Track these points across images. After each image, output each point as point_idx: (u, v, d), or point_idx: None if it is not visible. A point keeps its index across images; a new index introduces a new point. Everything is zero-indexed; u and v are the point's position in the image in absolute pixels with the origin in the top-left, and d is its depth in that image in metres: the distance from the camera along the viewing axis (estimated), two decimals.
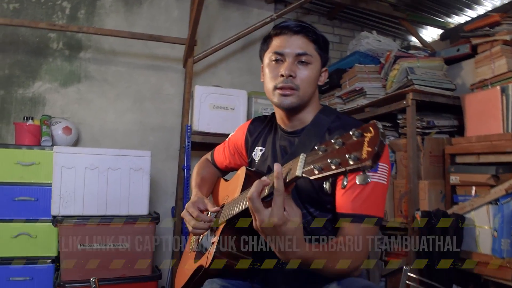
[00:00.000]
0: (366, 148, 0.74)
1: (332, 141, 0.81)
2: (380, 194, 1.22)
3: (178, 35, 3.48)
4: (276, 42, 1.36)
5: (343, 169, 0.76)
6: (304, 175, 0.84)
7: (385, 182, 1.23)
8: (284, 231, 0.95)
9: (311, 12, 4.17)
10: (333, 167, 0.78)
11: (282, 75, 1.31)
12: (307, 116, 1.39)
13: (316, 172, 0.81)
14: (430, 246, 2.39)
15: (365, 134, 0.75)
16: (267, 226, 0.95)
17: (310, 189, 1.27)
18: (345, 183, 0.81)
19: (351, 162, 0.75)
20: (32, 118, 2.99)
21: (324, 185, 0.83)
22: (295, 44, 1.32)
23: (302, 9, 4.05)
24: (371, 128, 0.75)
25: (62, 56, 3.36)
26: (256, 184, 0.99)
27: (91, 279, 1.46)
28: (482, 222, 2.33)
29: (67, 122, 3.08)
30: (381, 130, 0.73)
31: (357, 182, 0.77)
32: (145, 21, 3.59)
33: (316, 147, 0.84)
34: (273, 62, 1.35)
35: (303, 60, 1.32)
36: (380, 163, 1.22)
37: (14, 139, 2.94)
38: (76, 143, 3.22)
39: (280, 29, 1.35)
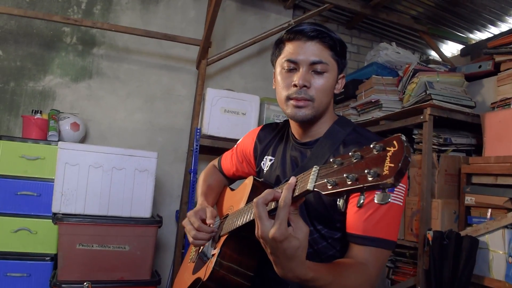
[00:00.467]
0: (388, 164, 0.65)
1: (350, 154, 0.73)
2: (395, 216, 1.13)
3: (193, 36, 3.43)
4: (289, 48, 1.26)
5: (361, 186, 0.68)
6: (316, 189, 0.77)
7: (401, 204, 1.14)
8: (285, 247, 0.86)
9: (330, 20, 4.10)
10: (349, 182, 0.70)
11: (295, 85, 1.21)
12: (322, 127, 1.30)
13: (330, 186, 0.73)
14: (441, 268, 2.30)
15: (387, 148, 0.67)
16: (267, 238, 0.87)
17: (320, 204, 1.18)
18: (361, 201, 0.72)
19: (370, 179, 0.66)
20: (41, 112, 2.96)
21: (338, 202, 0.74)
22: (310, 51, 1.22)
23: (320, 16, 3.98)
24: (395, 142, 0.66)
25: (75, 51, 3.32)
26: (266, 192, 0.91)
27: (84, 283, 1.40)
28: (497, 247, 2.23)
29: (75, 118, 3.04)
30: (406, 145, 0.65)
31: (375, 201, 0.69)
32: (160, 20, 3.54)
33: (331, 160, 0.76)
34: (286, 71, 1.25)
35: (318, 69, 1.22)
36: None
37: (21, 132, 2.90)
38: (83, 139, 3.17)
39: (294, 34, 1.25)
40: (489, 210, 2.35)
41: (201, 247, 1.40)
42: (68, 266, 2.38)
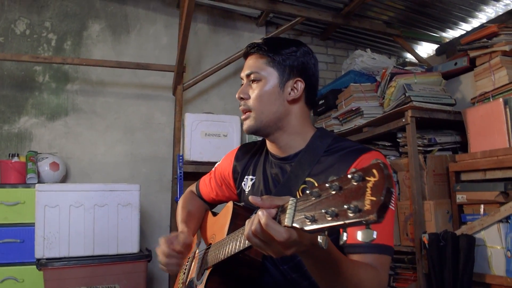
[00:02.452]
0: (369, 198, 0.59)
1: (327, 185, 0.66)
2: (390, 221, 1.10)
3: (168, 63, 3.40)
4: None
5: (342, 223, 0.62)
6: (294, 225, 0.70)
7: (393, 208, 1.10)
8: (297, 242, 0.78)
9: (304, 33, 4.11)
10: (329, 218, 0.63)
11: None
12: (296, 139, 1.25)
13: (308, 223, 0.67)
14: (441, 271, 2.26)
15: (367, 178, 0.60)
16: (287, 249, 0.80)
17: None
18: (344, 238, 0.65)
19: (350, 214, 0.60)
20: (18, 155, 2.89)
21: (318, 239, 0.67)
22: (247, 65, 1.28)
23: (294, 30, 3.98)
24: (374, 171, 0.60)
25: (48, 89, 3.27)
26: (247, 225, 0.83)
27: None
28: (494, 242, 2.19)
29: (54, 158, 2.97)
30: (387, 173, 0.58)
31: (359, 239, 0.62)
32: (133, 49, 3.51)
33: (308, 191, 0.70)
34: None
35: (252, 78, 1.24)
36: None
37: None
38: (64, 178, 3.10)
39: (244, 54, 1.32)
40: (482, 206, 2.31)
41: (187, 280, 1.32)
42: None
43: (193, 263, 1.38)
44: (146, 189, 3.10)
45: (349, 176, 0.62)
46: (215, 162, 2.91)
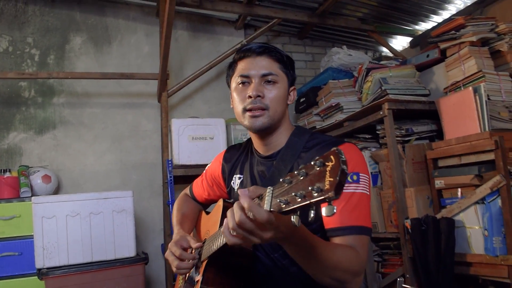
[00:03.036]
0: (328, 179, 0.70)
1: (296, 172, 0.77)
2: (366, 205, 1.20)
3: (150, 70, 3.49)
4: (241, 66, 1.34)
5: (308, 202, 0.73)
6: (272, 209, 0.81)
7: (368, 193, 1.21)
8: (278, 227, 0.90)
9: (282, 33, 4.22)
10: (299, 200, 0.74)
11: (250, 96, 1.28)
12: (281, 138, 1.36)
13: (283, 205, 0.77)
14: (424, 253, 2.38)
15: (326, 164, 0.72)
16: (270, 238, 0.91)
17: None
18: (311, 215, 0.76)
19: (315, 194, 0.71)
20: (10, 170, 2.95)
21: (292, 219, 0.78)
22: (260, 64, 1.31)
23: (272, 31, 4.08)
24: (332, 157, 0.72)
25: (35, 104, 3.33)
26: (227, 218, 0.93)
27: None
28: (472, 223, 2.32)
29: (45, 171, 3.03)
30: (342, 158, 0.70)
31: (323, 215, 0.74)
32: (116, 60, 3.58)
33: (281, 179, 0.81)
34: (240, 85, 1.33)
35: (269, 79, 1.30)
36: (361, 174, 1.20)
37: None
38: (57, 190, 3.16)
39: (244, 52, 1.34)
40: (459, 189, 2.44)
41: (187, 274, 1.42)
42: None
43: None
44: (138, 195, 3.17)
45: (313, 163, 0.74)
46: (204, 165, 3.02)
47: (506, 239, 2.18)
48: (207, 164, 2.97)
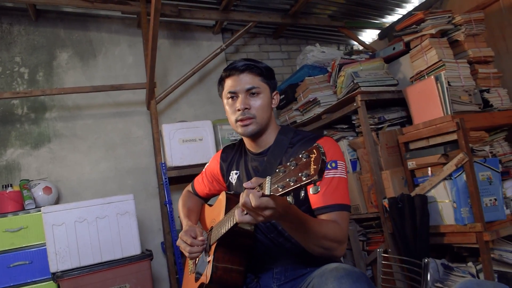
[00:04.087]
0: (312, 166, 0.94)
1: (288, 163, 1.01)
2: (344, 186, 1.45)
3: (136, 79, 3.68)
4: (228, 83, 1.59)
5: (299, 185, 0.97)
6: (271, 193, 1.04)
7: (345, 176, 1.47)
8: (280, 208, 1.13)
9: (258, 35, 4.43)
10: (292, 184, 0.98)
11: (239, 109, 1.54)
12: (269, 137, 1.62)
13: (280, 190, 1.01)
14: (402, 228, 2.63)
15: (311, 156, 0.96)
16: (272, 216, 1.13)
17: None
18: (302, 194, 1.00)
19: (304, 179, 0.95)
20: (11, 185, 3.09)
21: (288, 199, 1.03)
22: (244, 81, 1.56)
23: (248, 33, 4.28)
24: (314, 151, 0.96)
25: (28, 120, 3.48)
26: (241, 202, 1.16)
27: None
28: (443, 197, 2.58)
29: (45, 182, 3.20)
30: (322, 151, 0.95)
31: (310, 193, 0.99)
32: (102, 72, 3.76)
33: (277, 170, 1.05)
34: (230, 100, 1.58)
35: (253, 92, 1.55)
36: (338, 161, 1.47)
37: None
38: (58, 200, 3.33)
39: (229, 71, 1.59)
40: (429, 168, 2.70)
41: (197, 259, 1.65)
42: None
43: None
44: (135, 199, 3.35)
45: (300, 156, 0.99)
46: (196, 165, 3.26)
47: (472, 209, 2.44)
48: (199, 164, 3.23)
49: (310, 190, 0.98)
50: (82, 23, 3.78)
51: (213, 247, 1.47)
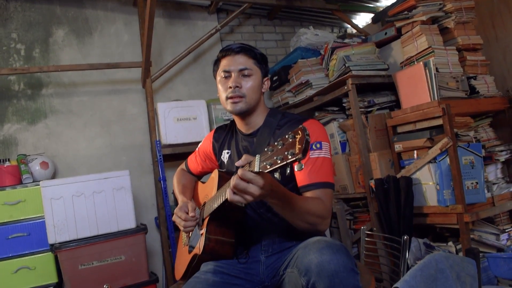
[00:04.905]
0: (297, 146, 1.04)
1: (276, 143, 1.11)
2: (328, 166, 1.55)
3: (131, 58, 3.73)
4: (223, 63, 1.68)
5: (285, 162, 1.06)
6: (260, 169, 1.13)
7: (329, 156, 1.57)
8: (270, 185, 1.23)
9: (252, 16, 4.47)
10: (279, 161, 1.07)
11: (230, 87, 1.63)
12: (258, 118, 1.71)
13: (268, 167, 1.10)
14: (387, 208, 2.74)
15: (296, 136, 1.05)
16: (261, 195, 1.21)
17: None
18: (288, 171, 1.10)
19: (289, 157, 1.05)
20: (9, 160, 3.16)
21: (274, 175, 1.12)
22: (238, 61, 1.65)
23: (243, 14, 4.32)
24: (299, 132, 1.05)
25: (25, 96, 3.53)
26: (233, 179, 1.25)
27: (104, 285, 1.72)
28: (427, 179, 2.69)
29: (42, 157, 3.27)
30: (306, 132, 1.04)
31: (295, 169, 1.08)
32: (98, 49, 3.79)
33: (265, 149, 1.14)
34: (223, 78, 1.67)
35: (245, 73, 1.64)
36: (323, 142, 1.56)
37: None
38: (54, 175, 3.41)
39: (225, 52, 1.69)
40: (415, 151, 2.81)
41: (190, 233, 1.76)
42: (75, 286, 2.68)
43: None
44: (130, 175, 3.44)
45: (287, 136, 1.08)
46: (190, 143, 3.36)
47: (454, 192, 2.55)
48: (192, 142, 3.32)
49: (295, 167, 1.07)
50: (78, 1, 3.79)
51: (205, 221, 1.57)
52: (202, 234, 1.56)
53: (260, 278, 1.56)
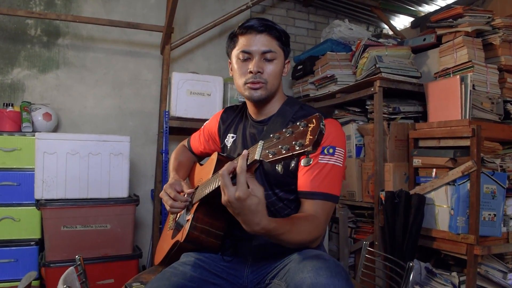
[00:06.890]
0: (309, 136, 0.87)
1: (284, 130, 0.94)
2: (337, 175, 1.36)
3: (155, 22, 3.56)
4: (242, 41, 1.46)
5: (291, 154, 0.90)
6: (261, 158, 0.98)
7: (341, 165, 1.37)
8: (249, 204, 1.07)
9: None
10: (283, 152, 0.91)
11: (251, 72, 1.43)
12: (274, 106, 1.52)
13: (270, 156, 0.94)
14: (393, 224, 2.58)
15: (309, 125, 0.89)
16: (233, 200, 1.07)
17: (276, 172, 1.40)
18: (292, 165, 0.94)
19: (297, 148, 0.88)
20: (12, 105, 3.05)
21: (276, 167, 0.96)
22: (260, 42, 1.43)
23: None
24: (314, 120, 0.88)
25: (40, 42, 3.40)
26: (228, 164, 1.12)
27: (77, 256, 1.58)
28: (441, 202, 2.52)
29: (47, 108, 3.14)
30: (322, 122, 0.87)
31: (302, 164, 0.92)
32: (122, 7, 3.64)
33: (271, 135, 0.98)
34: (241, 60, 1.45)
35: (268, 57, 1.44)
36: (337, 148, 1.36)
37: None
38: (56, 128, 3.29)
39: (246, 29, 1.45)
40: (434, 170, 2.63)
41: (178, 216, 1.60)
42: (55, 247, 2.57)
43: None
44: (133, 141, 3.28)
45: (298, 123, 0.92)
46: (199, 119, 3.20)
47: (469, 220, 2.38)
48: (202, 119, 3.16)
49: (302, 161, 0.91)
50: None
51: (194, 206, 1.41)
52: (188, 220, 1.40)
53: (242, 282, 1.41)
